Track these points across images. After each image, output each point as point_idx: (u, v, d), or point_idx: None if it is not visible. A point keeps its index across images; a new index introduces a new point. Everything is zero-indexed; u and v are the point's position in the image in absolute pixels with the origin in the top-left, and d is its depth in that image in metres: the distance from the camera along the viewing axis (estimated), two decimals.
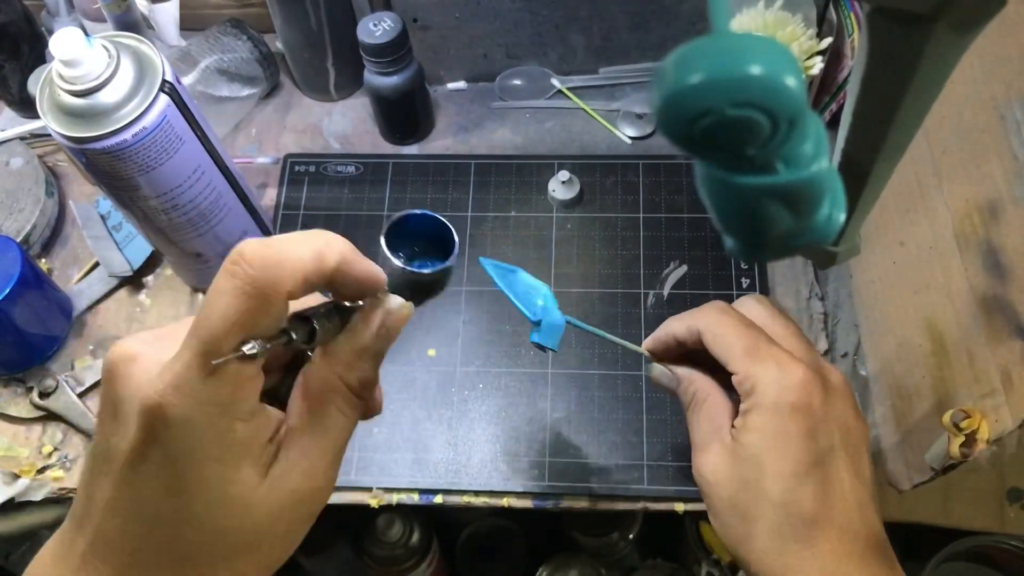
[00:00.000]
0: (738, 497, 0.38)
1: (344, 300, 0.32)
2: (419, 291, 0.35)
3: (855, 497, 0.37)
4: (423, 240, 0.37)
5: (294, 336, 0.29)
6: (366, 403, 0.33)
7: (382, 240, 0.34)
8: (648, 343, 0.45)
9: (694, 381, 0.42)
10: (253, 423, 0.29)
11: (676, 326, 0.42)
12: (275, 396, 0.33)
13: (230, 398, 0.28)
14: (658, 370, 0.44)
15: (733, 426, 0.39)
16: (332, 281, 0.30)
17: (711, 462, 0.39)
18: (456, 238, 0.36)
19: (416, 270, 0.34)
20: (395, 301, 0.33)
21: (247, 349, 0.27)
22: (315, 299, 0.33)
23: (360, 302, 0.32)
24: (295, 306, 0.31)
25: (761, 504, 0.37)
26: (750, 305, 0.42)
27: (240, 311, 0.27)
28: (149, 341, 0.30)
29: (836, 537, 0.36)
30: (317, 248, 0.29)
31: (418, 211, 0.36)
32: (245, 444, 0.29)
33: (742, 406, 0.38)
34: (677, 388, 0.43)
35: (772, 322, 0.41)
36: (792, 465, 0.36)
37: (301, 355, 0.34)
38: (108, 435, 0.29)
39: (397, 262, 0.33)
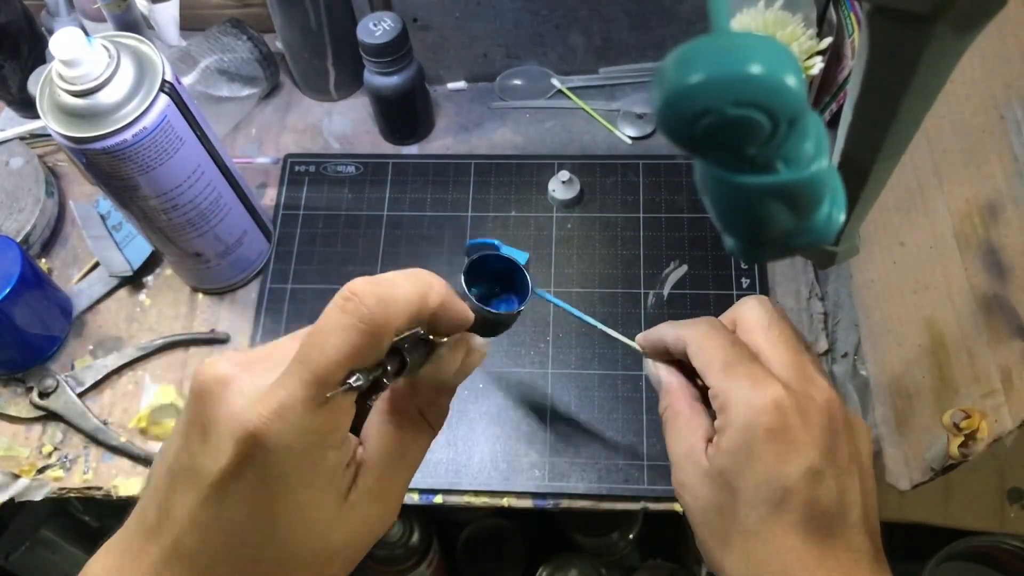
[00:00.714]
0: (714, 522, 0.37)
1: (432, 335, 0.34)
2: (489, 329, 0.37)
3: (836, 523, 0.35)
4: (491, 277, 0.39)
5: (389, 368, 0.30)
6: (434, 432, 0.34)
7: (462, 280, 0.36)
8: (640, 339, 0.44)
9: (669, 393, 0.41)
10: (342, 450, 0.30)
11: (667, 333, 0.42)
12: None
13: (329, 427, 0.29)
14: (650, 366, 0.44)
15: (711, 441, 0.38)
16: (429, 321, 0.31)
17: (688, 483, 0.38)
18: (530, 281, 0.38)
19: (493, 311, 0.36)
20: (478, 340, 0.35)
21: (353, 381, 0.28)
22: None
23: (444, 339, 0.34)
24: None
25: (735, 532, 0.36)
26: (750, 306, 0.41)
27: (353, 345, 0.28)
28: (242, 364, 0.30)
29: (816, 566, 0.35)
30: (422, 290, 0.30)
31: (497, 254, 0.38)
32: (333, 470, 0.30)
33: (716, 423, 0.37)
34: (659, 393, 0.43)
35: (768, 327, 0.39)
36: (765, 492, 0.35)
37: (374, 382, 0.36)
38: (195, 453, 0.29)
39: (477, 303, 0.36)
